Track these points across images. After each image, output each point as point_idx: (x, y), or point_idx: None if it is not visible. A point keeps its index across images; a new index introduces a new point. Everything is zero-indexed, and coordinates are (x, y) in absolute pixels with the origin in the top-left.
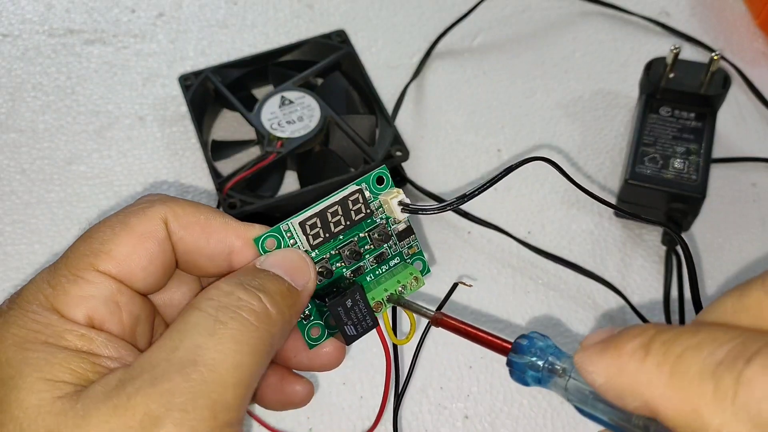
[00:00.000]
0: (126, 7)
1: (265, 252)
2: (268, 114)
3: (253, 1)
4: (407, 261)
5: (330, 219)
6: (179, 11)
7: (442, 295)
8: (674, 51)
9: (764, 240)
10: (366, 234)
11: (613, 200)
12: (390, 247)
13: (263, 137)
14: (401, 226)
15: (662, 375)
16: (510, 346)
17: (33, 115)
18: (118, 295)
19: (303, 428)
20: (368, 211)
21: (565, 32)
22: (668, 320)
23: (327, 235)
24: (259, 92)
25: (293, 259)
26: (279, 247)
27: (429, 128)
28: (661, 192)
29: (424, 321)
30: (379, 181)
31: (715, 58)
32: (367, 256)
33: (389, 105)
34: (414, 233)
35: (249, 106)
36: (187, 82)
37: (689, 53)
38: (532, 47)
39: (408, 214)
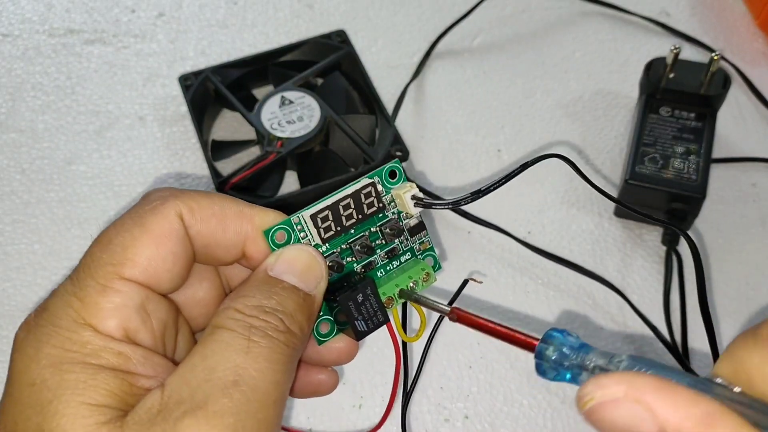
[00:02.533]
0: (126, 7)
1: (275, 245)
2: (268, 114)
3: (253, 1)
4: (418, 257)
5: (342, 212)
6: (179, 11)
7: (444, 292)
8: (674, 51)
9: (764, 240)
10: (378, 228)
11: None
12: (401, 243)
13: (263, 137)
14: (413, 221)
15: None
16: (535, 342)
17: (33, 115)
18: (147, 302)
19: (303, 428)
20: (380, 205)
21: (565, 32)
22: (668, 321)
23: (338, 228)
24: (259, 92)
25: (304, 260)
26: (289, 240)
27: (429, 128)
28: (661, 192)
29: (434, 318)
30: (392, 174)
31: (715, 58)
32: (378, 251)
33: (389, 105)
34: (425, 229)
35: (249, 106)
36: (187, 82)
37: (689, 53)
38: (532, 47)
39: (420, 210)
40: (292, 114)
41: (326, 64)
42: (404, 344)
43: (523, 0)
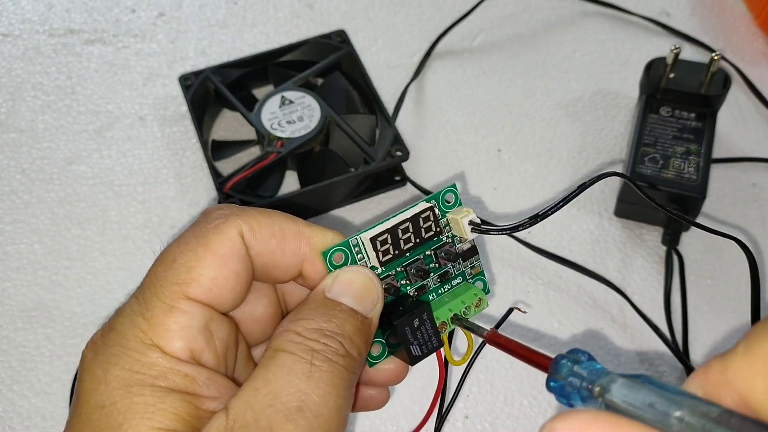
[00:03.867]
0: (126, 7)
1: (333, 266)
2: (268, 114)
3: (253, 0)
4: (469, 281)
5: (401, 236)
6: (179, 11)
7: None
8: (674, 51)
9: (764, 240)
10: (432, 252)
11: (613, 200)
12: (453, 267)
13: (263, 137)
14: (466, 246)
15: None
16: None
17: (33, 115)
18: (211, 322)
19: None
20: (438, 229)
21: (565, 32)
22: (669, 320)
23: (396, 252)
24: (259, 92)
25: (361, 282)
26: (346, 261)
27: (429, 128)
28: (661, 192)
29: (478, 342)
30: (449, 198)
31: (715, 58)
32: (431, 275)
33: (389, 105)
34: (478, 253)
35: (249, 106)
36: (187, 82)
37: (689, 53)
38: (532, 47)
39: (476, 235)
40: (292, 114)
41: (326, 64)
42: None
43: (523, 0)
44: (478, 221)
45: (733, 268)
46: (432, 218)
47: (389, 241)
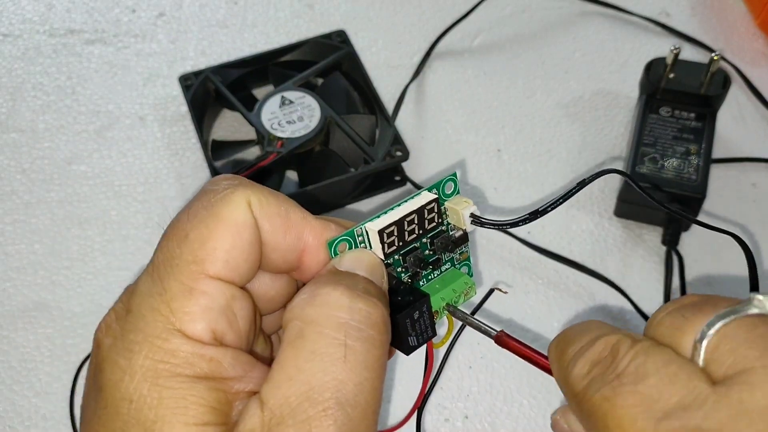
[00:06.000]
0: (126, 7)
1: (337, 255)
2: (269, 114)
3: (253, 1)
4: (457, 266)
5: (406, 227)
6: (179, 11)
7: None
8: (674, 51)
9: (764, 240)
10: (428, 240)
11: (613, 200)
12: (444, 253)
13: (263, 137)
14: (458, 233)
15: None
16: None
17: (33, 115)
18: (232, 300)
19: None
20: (440, 220)
21: (565, 32)
22: None
23: (401, 243)
24: (259, 92)
25: (369, 259)
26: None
27: (429, 128)
28: (661, 192)
29: (458, 324)
30: (448, 187)
31: (715, 58)
32: (426, 262)
33: (389, 105)
34: (468, 240)
35: (249, 106)
36: (187, 82)
37: (689, 53)
38: (532, 47)
39: (474, 228)
40: (292, 114)
41: (326, 64)
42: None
43: (523, 0)
44: (479, 214)
45: (733, 268)
46: (436, 209)
47: (395, 233)
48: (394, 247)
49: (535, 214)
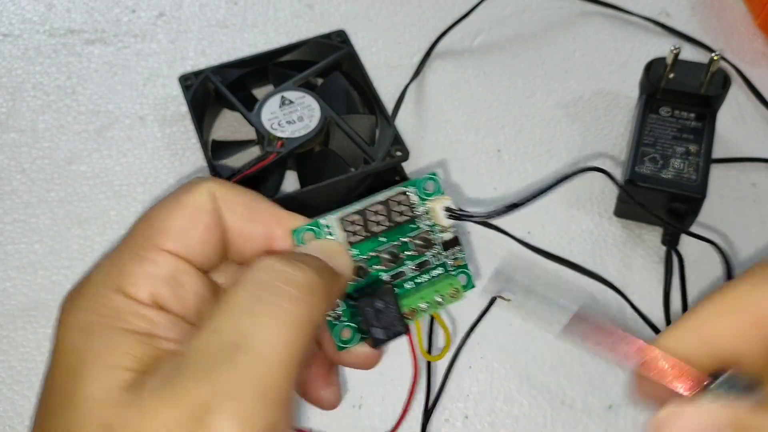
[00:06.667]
0: (126, 7)
1: (302, 244)
2: (268, 114)
3: (253, 1)
4: (451, 272)
5: (371, 218)
6: (179, 11)
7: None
8: (674, 51)
9: (764, 240)
10: (409, 239)
11: (613, 200)
12: (434, 256)
13: (263, 137)
14: (447, 236)
15: None
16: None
17: (33, 115)
18: (181, 273)
19: (302, 427)
20: (412, 214)
21: (565, 32)
22: (668, 321)
23: (366, 234)
24: (259, 92)
25: (332, 247)
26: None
27: (429, 128)
28: (661, 192)
29: (458, 339)
30: (428, 186)
31: (715, 58)
32: (408, 263)
33: (389, 105)
34: (461, 244)
35: (249, 106)
36: (187, 82)
37: (689, 53)
38: (532, 47)
39: (454, 222)
40: (292, 114)
41: (326, 64)
42: (429, 362)
43: (523, 0)
44: (453, 207)
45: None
46: (407, 203)
47: (360, 223)
48: (360, 237)
49: (512, 207)
